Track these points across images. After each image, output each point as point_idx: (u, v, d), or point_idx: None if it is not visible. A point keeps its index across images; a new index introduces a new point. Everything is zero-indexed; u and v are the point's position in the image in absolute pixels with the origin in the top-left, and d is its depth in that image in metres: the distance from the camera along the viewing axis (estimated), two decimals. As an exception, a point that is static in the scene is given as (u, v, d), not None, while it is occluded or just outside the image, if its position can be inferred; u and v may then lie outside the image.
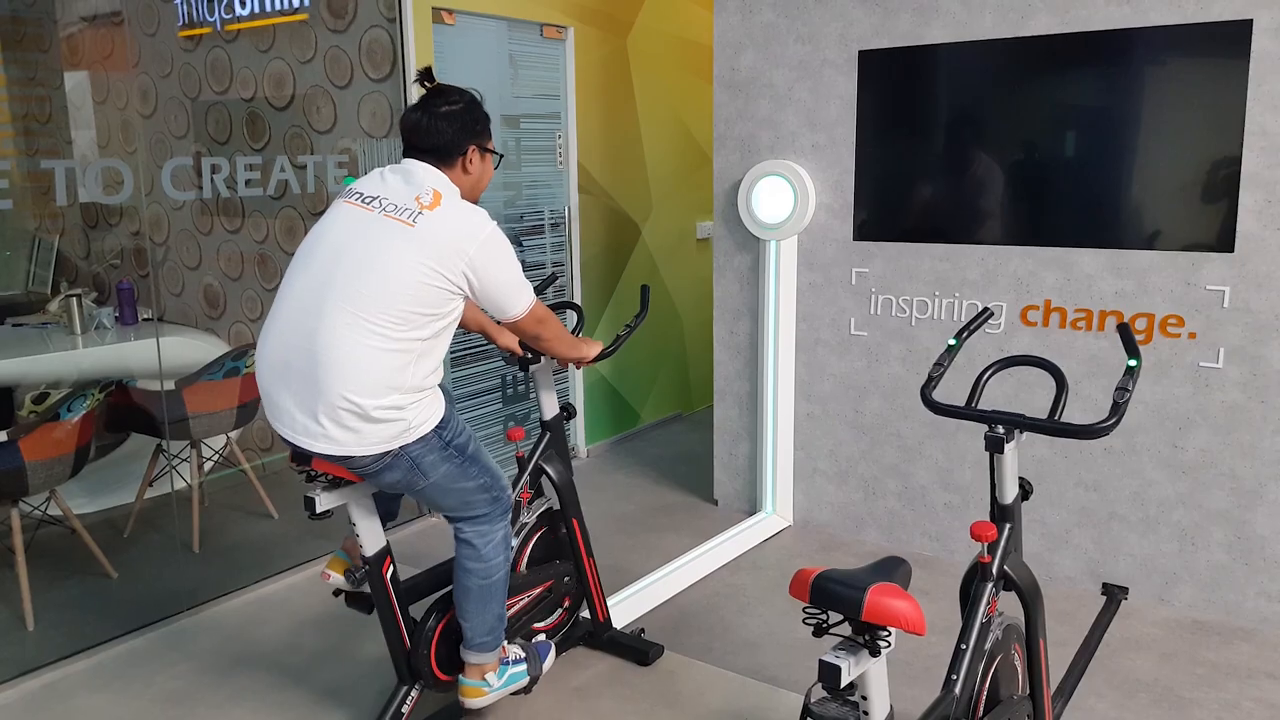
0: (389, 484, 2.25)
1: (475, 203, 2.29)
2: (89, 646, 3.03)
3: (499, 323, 2.39)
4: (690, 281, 5.40)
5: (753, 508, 4.06)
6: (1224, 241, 2.97)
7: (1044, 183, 3.27)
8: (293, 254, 2.22)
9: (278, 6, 3.98)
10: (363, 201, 2.20)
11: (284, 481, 4.21)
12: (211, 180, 3.54)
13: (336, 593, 2.54)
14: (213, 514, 4.03)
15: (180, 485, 3.77)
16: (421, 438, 2.19)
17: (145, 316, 4.34)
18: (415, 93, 3.70)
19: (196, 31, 4.25)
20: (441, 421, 2.24)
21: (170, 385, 3.66)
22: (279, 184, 3.80)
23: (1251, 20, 2.84)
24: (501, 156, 2.42)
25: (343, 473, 2.25)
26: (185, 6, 4.20)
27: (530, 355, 2.70)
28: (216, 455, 4.04)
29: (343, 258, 2.12)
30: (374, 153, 3.86)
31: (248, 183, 3.73)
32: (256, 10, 4.04)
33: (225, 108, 4.25)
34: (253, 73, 4.15)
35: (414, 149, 2.26)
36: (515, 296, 2.24)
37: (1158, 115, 3.04)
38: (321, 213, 2.31)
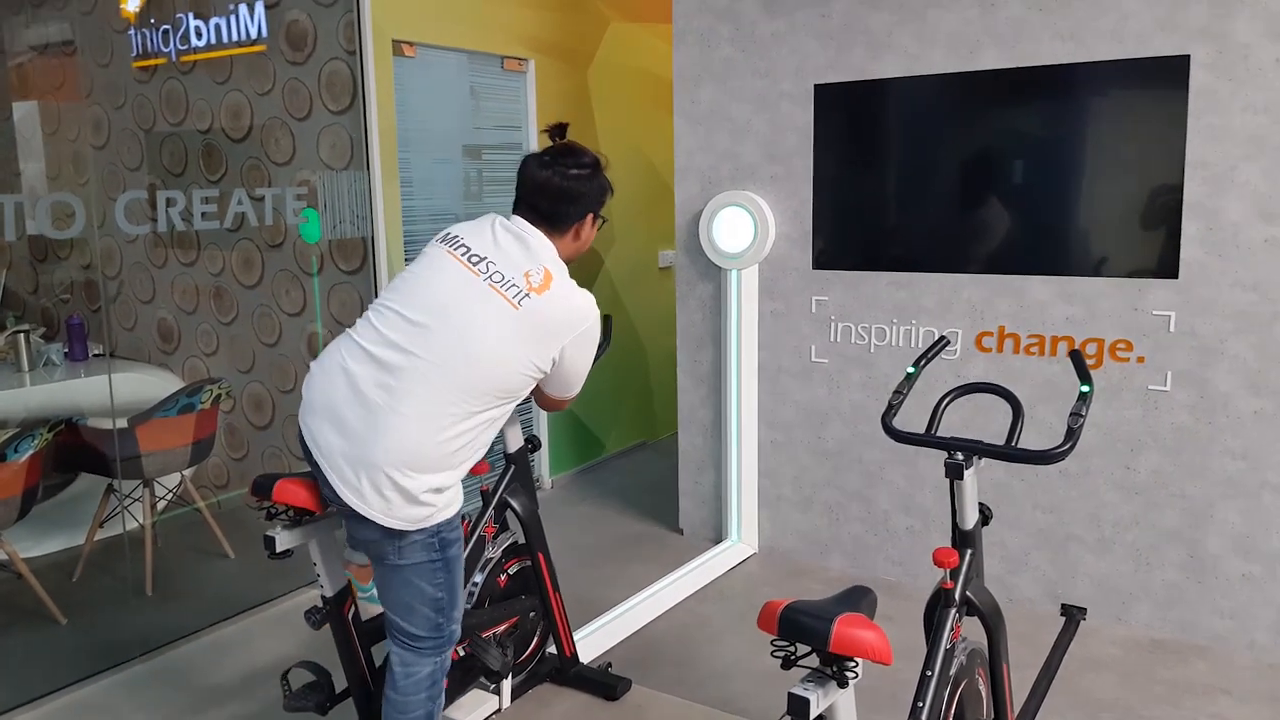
0: (366, 541, 2.09)
1: (570, 262, 2.19)
2: (37, 697, 2.92)
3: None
4: (653, 310, 5.43)
5: (718, 536, 4.07)
6: (1168, 268, 3.06)
7: (996, 212, 3.35)
8: (250, 287, 2.16)
9: (235, 38, 3.96)
10: (469, 260, 2.06)
11: (241, 520, 4.12)
12: (166, 213, 3.49)
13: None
14: (167, 555, 3.93)
15: (132, 526, 3.67)
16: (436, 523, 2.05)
17: (96, 352, 4.25)
18: (376, 122, 3.70)
19: (151, 62, 4.21)
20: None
21: (122, 423, 3.58)
22: (236, 216, 3.76)
23: (1189, 55, 2.95)
24: (605, 221, 2.30)
25: (315, 507, 2.20)
26: (139, 37, 4.16)
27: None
28: (170, 494, 3.95)
29: (444, 325, 1.99)
30: (334, 185, 3.84)
31: (204, 215, 3.69)
32: (213, 41, 4.02)
33: (181, 139, 4.21)
34: (209, 104, 4.11)
35: (531, 207, 2.16)
36: (582, 379, 2.18)
37: (1104, 147, 3.14)
38: (279, 245, 2.27)
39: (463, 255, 2.08)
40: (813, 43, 3.56)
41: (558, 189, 2.14)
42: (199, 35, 4.02)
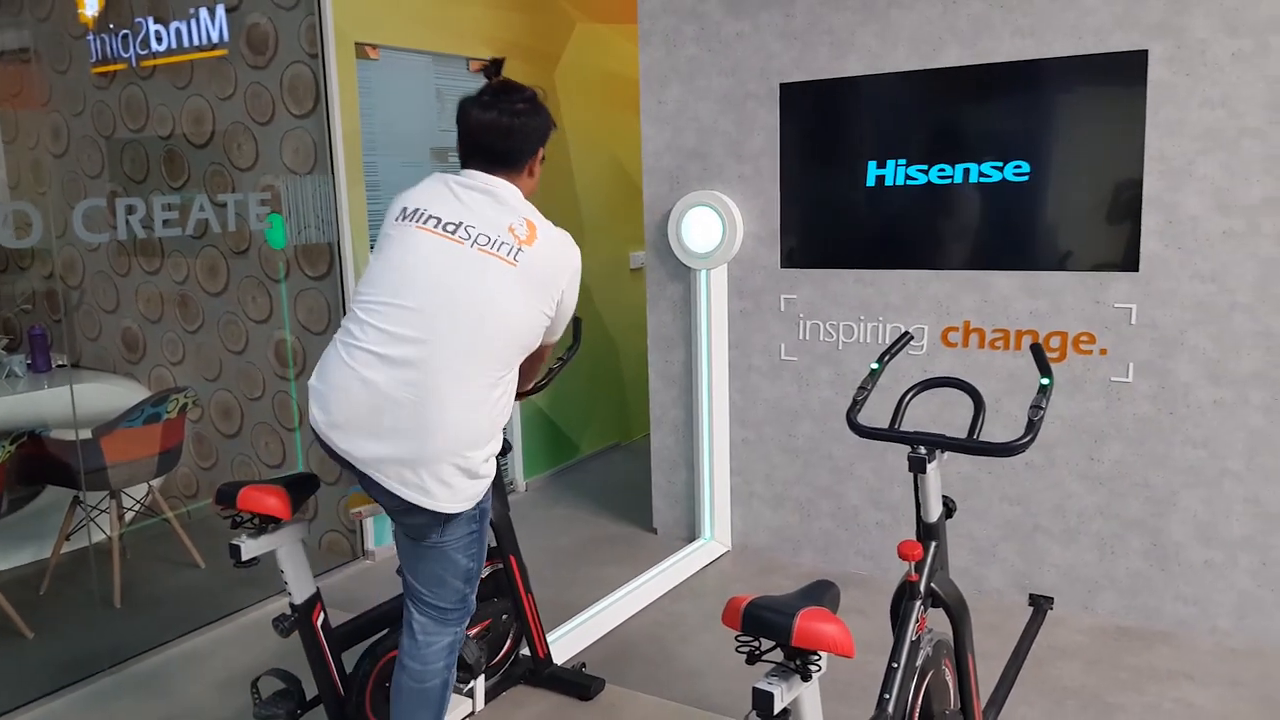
0: (412, 525, 2.07)
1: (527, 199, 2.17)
2: (4, 712, 2.88)
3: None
4: (625, 311, 5.43)
5: (692, 535, 4.08)
6: (1129, 261, 3.11)
7: (960, 208, 3.38)
8: (215, 294, 2.14)
9: (196, 43, 3.92)
10: (446, 230, 1.99)
11: (211, 529, 4.09)
12: (127, 221, 3.45)
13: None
14: (135, 566, 3.89)
15: (99, 538, 3.63)
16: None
17: (60, 363, 4.19)
18: (340, 126, 3.68)
19: (110, 68, 4.16)
20: None
21: (87, 434, 3.54)
22: (199, 223, 3.72)
23: (1147, 51, 3.00)
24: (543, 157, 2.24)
25: (281, 513, 2.19)
26: (98, 43, 4.11)
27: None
28: (138, 505, 3.91)
29: (448, 302, 1.94)
30: (298, 190, 3.81)
31: (165, 223, 3.65)
32: (173, 46, 3.98)
33: (142, 146, 4.16)
34: (170, 110, 4.07)
35: (481, 154, 2.07)
36: (569, 318, 2.20)
37: (1065, 142, 3.18)
38: (244, 251, 2.25)
39: (435, 227, 2.00)
40: (777, 42, 3.58)
41: (506, 127, 2.06)
42: (159, 40, 3.98)
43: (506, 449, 2.84)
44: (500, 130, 2.06)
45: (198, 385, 4.25)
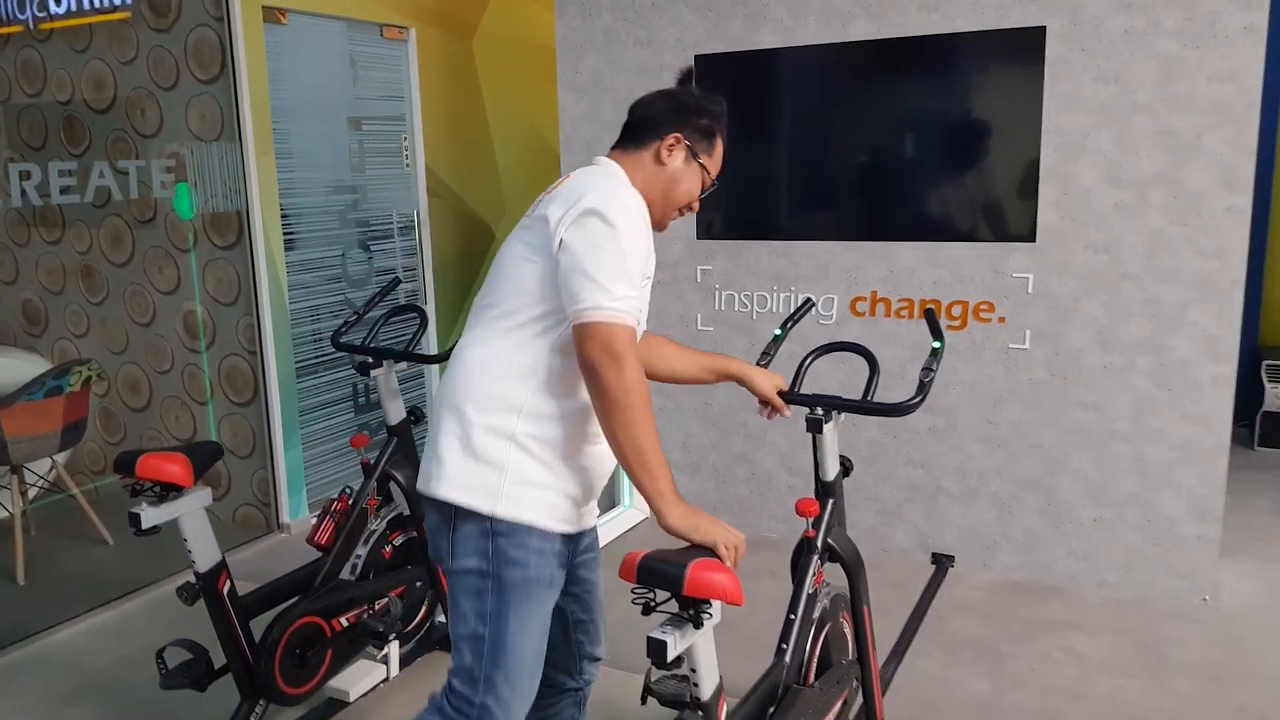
0: (430, 535, 1.75)
1: (661, 216, 1.82)
2: (-105, 693, 2.80)
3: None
4: (547, 283, 5.42)
5: (611, 502, 4.13)
6: (1027, 232, 3.23)
7: (868, 181, 3.47)
8: (120, 265, 2.02)
9: (95, 5, 3.78)
10: None
11: (120, 505, 3.97)
12: (23, 189, 3.32)
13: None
14: (40, 543, 3.78)
15: (1, 514, 3.51)
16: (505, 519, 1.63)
17: (-45, 336, 4.03)
18: (248, 92, 3.59)
19: (5, 30, 3.99)
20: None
21: (-16, 407, 3.42)
22: (100, 191, 3.60)
23: (1044, 27, 3.11)
24: (715, 186, 1.89)
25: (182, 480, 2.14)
26: (-9, 3, 3.93)
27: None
28: (42, 480, 3.79)
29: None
30: (205, 156, 3.72)
31: (64, 190, 3.52)
32: (72, 8, 3.82)
33: (39, 111, 4.00)
34: (69, 74, 3.91)
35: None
36: (594, 283, 1.56)
37: (967, 116, 3.28)
38: (150, 220, 2.18)
39: None
40: (692, 13, 3.60)
41: (642, 99, 1.86)
42: (57, 2, 3.82)
43: (419, 418, 2.85)
44: (637, 101, 1.86)
45: (104, 358, 4.13)
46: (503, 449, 1.64)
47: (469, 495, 1.64)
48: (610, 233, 1.60)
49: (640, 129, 1.80)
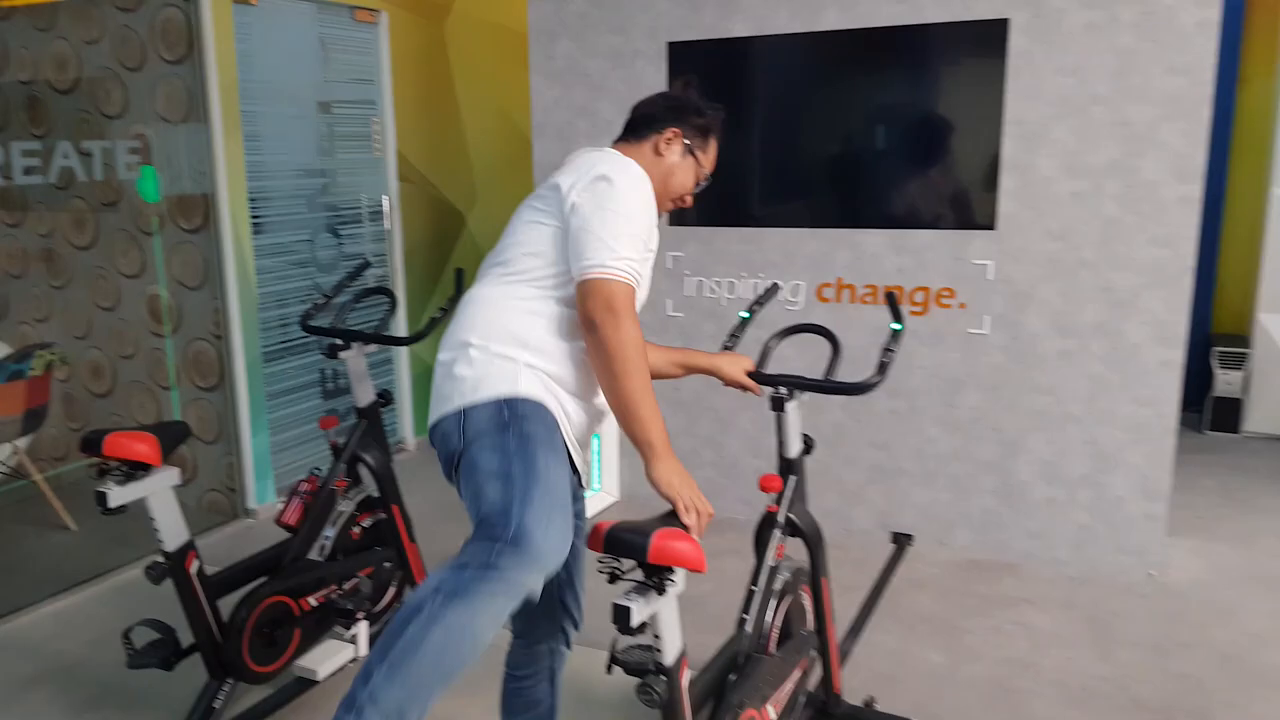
0: (442, 458, 1.85)
1: (658, 204, 1.90)
2: None
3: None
4: (517, 270, 5.43)
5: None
6: (988, 220, 3.31)
7: (836, 169, 3.53)
8: (83, 248, 2.02)
9: (58, -17, 3.73)
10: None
11: (83, 491, 3.94)
12: (-16, 168, 3.28)
13: None
14: (1, 529, 3.74)
15: (-39, 499, 3.48)
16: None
17: (-88, 319, 3.97)
18: (215, 74, 3.56)
19: (-37, 8, 3.92)
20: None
21: (-57, 390, 3.38)
22: (63, 173, 3.56)
23: (1008, 19, 3.18)
24: (710, 180, 2.04)
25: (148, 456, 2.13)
26: (-52, -20, 3.86)
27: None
28: (3, 466, 3.75)
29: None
30: (171, 139, 3.69)
31: (26, 170, 3.48)
32: (34, -13, 3.77)
33: (1, 91, 3.94)
34: (31, 54, 3.86)
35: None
36: (604, 246, 1.68)
37: (932, 106, 3.35)
38: (113, 203, 2.16)
39: None
40: (665, 1, 3.64)
41: (646, 98, 2.04)
42: (18, -21, 3.77)
43: (387, 400, 2.86)
44: (641, 100, 2.03)
45: (66, 343, 4.08)
46: (512, 368, 1.75)
47: (480, 392, 1.73)
48: (620, 197, 1.74)
49: (641, 124, 1.96)
